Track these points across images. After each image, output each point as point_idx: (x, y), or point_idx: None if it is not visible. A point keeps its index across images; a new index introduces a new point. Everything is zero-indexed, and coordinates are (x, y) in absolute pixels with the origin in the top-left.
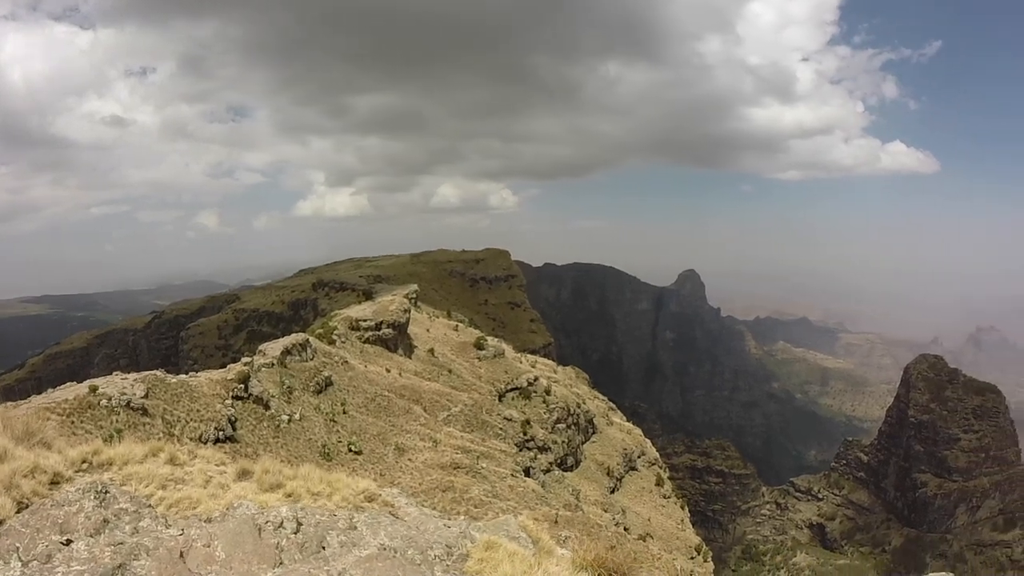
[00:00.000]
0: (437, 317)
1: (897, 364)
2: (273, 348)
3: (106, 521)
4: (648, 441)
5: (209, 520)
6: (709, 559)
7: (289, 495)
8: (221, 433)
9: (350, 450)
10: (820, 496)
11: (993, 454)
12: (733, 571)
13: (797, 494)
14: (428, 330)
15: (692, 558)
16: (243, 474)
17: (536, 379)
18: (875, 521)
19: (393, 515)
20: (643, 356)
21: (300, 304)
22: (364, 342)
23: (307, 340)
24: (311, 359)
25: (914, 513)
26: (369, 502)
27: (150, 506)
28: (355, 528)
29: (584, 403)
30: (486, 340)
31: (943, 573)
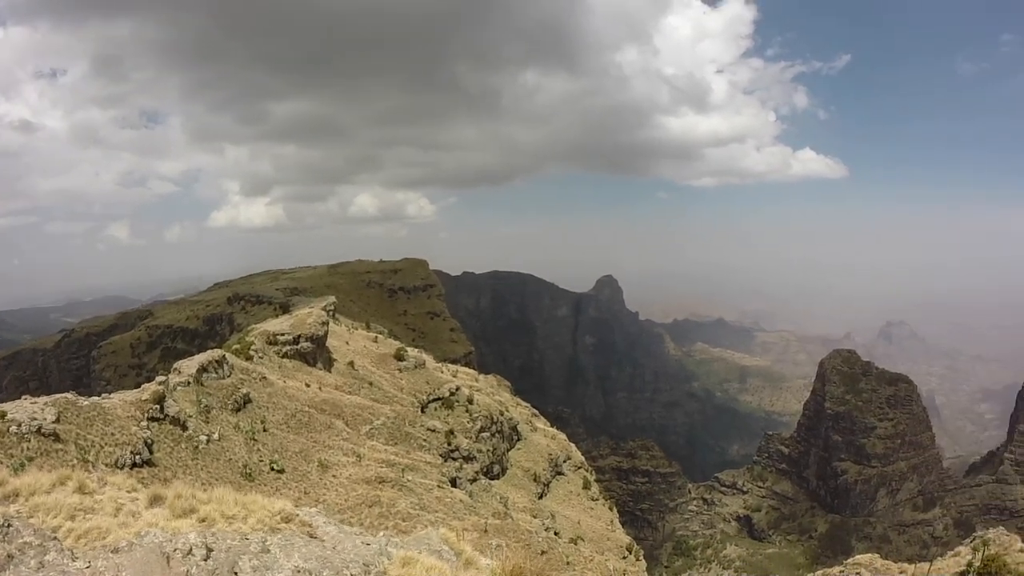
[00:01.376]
0: (356, 329)
1: (812, 359)
2: (189, 366)
3: (10, 557)
4: (573, 445)
5: (117, 551)
6: (641, 557)
7: (202, 520)
8: (138, 457)
9: (272, 469)
10: (745, 489)
11: (908, 439)
12: (666, 567)
13: (723, 488)
14: (347, 343)
15: (624, 557)
16: (155, 500)
17: (458, 389)
18: (800, 510)
19: (310, 535)
20: (564, 362)
21: (216, 319)
22: (282, 357)
23: (224, 356)
24: (228, 376)
25: (837, 499)
26: (285, 523)
27: (56, 539)
28: (268, 551)
29: (507, 411)
30: (406, 351)
31: (869, 555)
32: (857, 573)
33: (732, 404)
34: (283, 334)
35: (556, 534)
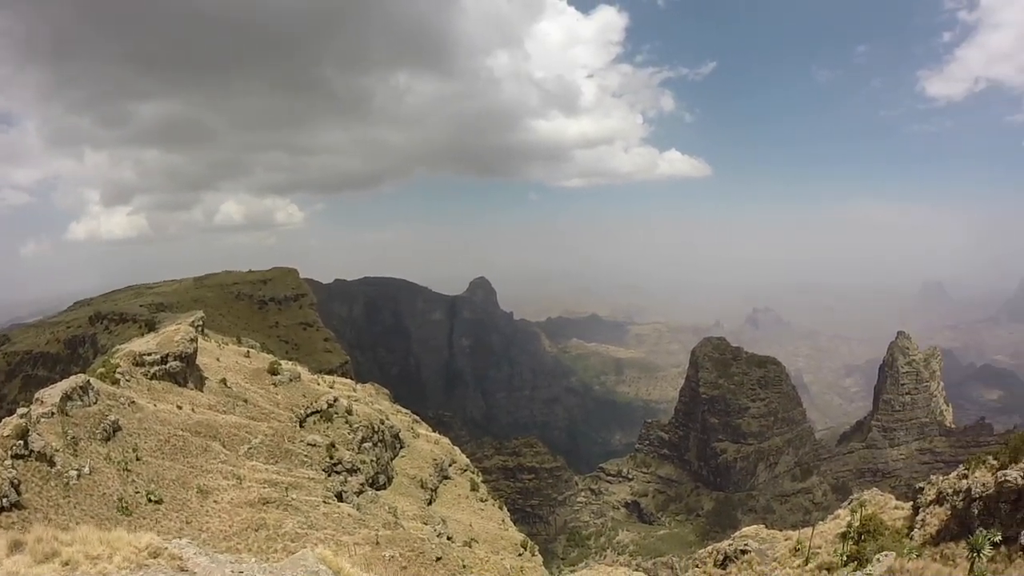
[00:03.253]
0: (227, 344)
1: (684, 348)
2: (51, 394)
3: None
4: (457, 448)
5: None
6: (536, 553)
7: (66, 563)
8: (5, 500)
9: (150, 500)
10: (630, 476)
11: (781, 416)
12: (562, 560)
13: (608, 478)
14: (218, 359)
15: (520, 555)
16: (15, 547)
17: (336, 400)
18: (685, 491)
19: (180, 568)
20: (441, 365)
21: (78, 341)
22: (151, 378)
23: (88, 382)
24: (95, 403)
25: (719, 478)
26: (153, 558)
27: None
28: None
29: (388, 419)
30: (280, 364)
31: (755, 526)
32: (745, 544)
33: (610, 396)
34: (150, 354)
35: (449, 539)
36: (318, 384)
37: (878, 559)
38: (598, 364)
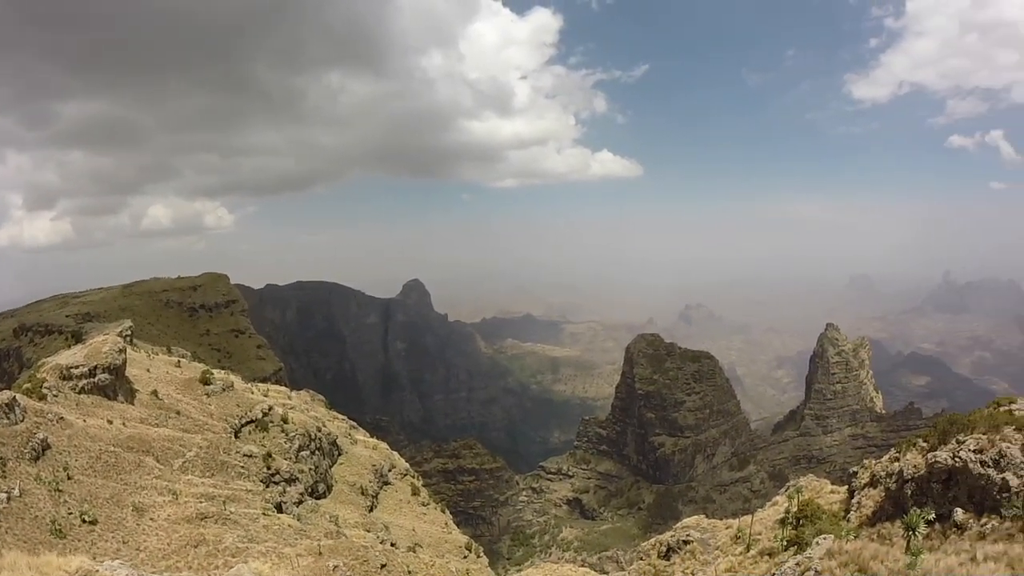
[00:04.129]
0: (157, 354)
1: (619, 346)
2: None
3: None
4: (396, 453)
5: None
6: (481, 554)
7: None
8: None
9: (84, 521)
10: (571, 473)
11: (716, 408)
12: (508, 560)
13: (549, 476)
14: (148, 370)
15: (465, 557)
16: None
17: (271, 408)
18: (626, 485)
19: None
20: (377, 369)
21: (2, 355)
22: (79, 392)
23: (14, 398)
24: (21, 421)
25: (658, 471)
26: None
27: None
28: None
29: (324, 426)
30: (212, 374)
31: (696, 517)
32: (687, 535)
33: (547, 395)
34: (78, 367)
35: (393, 545)
36: (252, 393)
37: (817, 542)
38: (534, 363)
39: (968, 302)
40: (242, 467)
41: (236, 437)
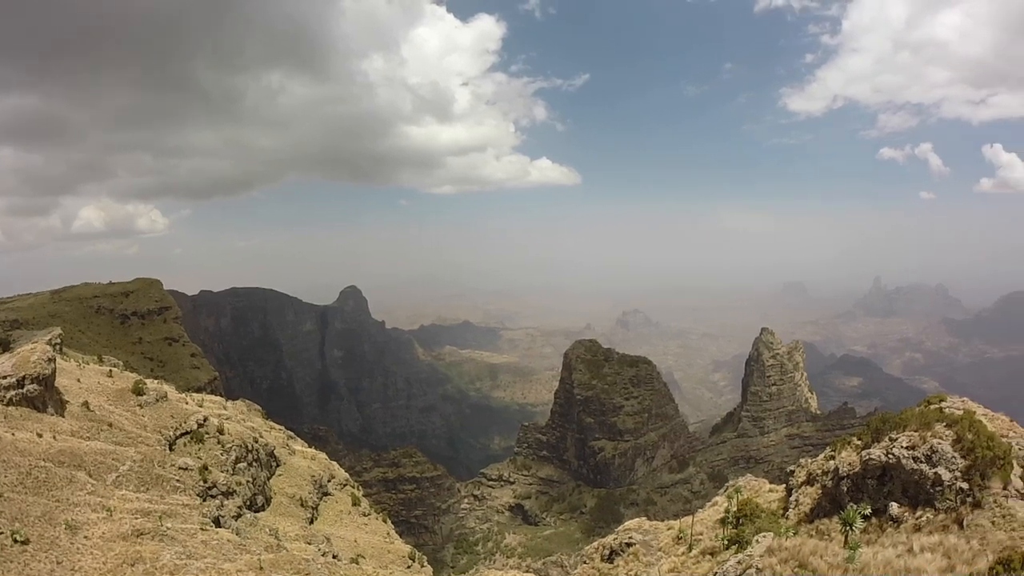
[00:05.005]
0: (88, 364)
1: (557, 351)
2: None
3: None
4: (335, 463)
5: None
6: (425, 563)
7: None
8: None
9: (16, 540)
10: (512, 480)
11: (655, 412)
12: (452, 568)
13: (490, 483)
14: (79, 380)
15: (409, 567)
16: None
17: (206, 419)
18: (567, 490)
19: None
20: (314, 378)
21: None
22: (7, 404)
23: None
24: None
25: (599, 475)
26: None
27: None
28: None
29: (261, 436)
30: (145, 384)
31: (637, 519)
32: (630, 537)
33: (486, 401)
34: (5, 377)
35: (335, 557)
36: (186, 403)
37: (757, 540)
38: (473, 370)
39: (898, 306)
40: (178, 481)
41: (171, 450)
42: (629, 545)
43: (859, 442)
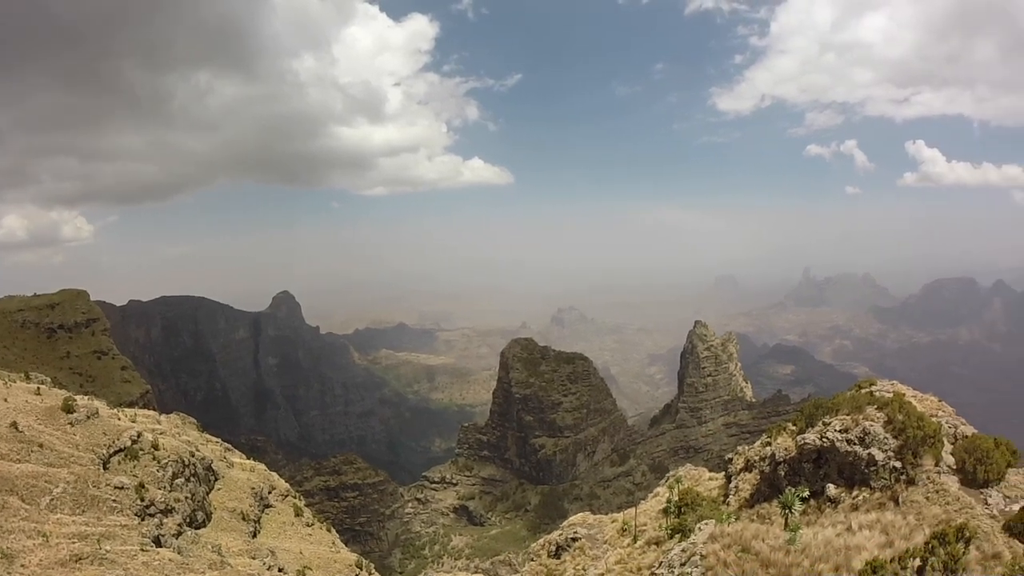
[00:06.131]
0: (14, 381)
1: (494, 351)
2: None
3: None
4: (274, 474)
5: None
6: (373, 571)
7: None
8: None
9: None
10: (454, 481)
11: (593, 407)
12: (400, 573)
13: (433, 485)
14: (6, 399)
15: (357, 575)
16: None
17: (140, 435)
18: (510, 489)
19: None
20: (249, 386)
21: None
22: None
23: None
24: None
25: (542, 472)
26: None
27: None
28: None
29: (198, 450)
30: (75, 400)
31: (582, 514)
32: (575, 532)
33: (425, 404)
34: None
35: (281, 571)
36: (119, 419)
37: (699, 528)
38: (410, 373)
39: (827, 296)
40: (114, 500)
41: (105, 468)
42: (575, 540)
43: (794, 428)
